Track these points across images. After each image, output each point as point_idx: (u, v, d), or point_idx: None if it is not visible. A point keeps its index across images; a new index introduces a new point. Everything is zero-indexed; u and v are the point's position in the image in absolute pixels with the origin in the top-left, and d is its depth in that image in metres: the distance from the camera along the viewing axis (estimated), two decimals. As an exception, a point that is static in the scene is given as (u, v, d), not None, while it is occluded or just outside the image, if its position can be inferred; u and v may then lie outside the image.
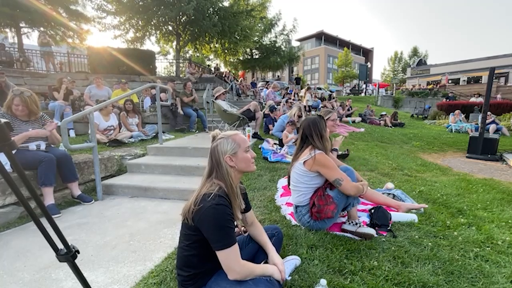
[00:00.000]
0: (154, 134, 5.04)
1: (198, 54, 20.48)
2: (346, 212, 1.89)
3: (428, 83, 26.23)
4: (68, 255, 0.85)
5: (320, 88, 25.85)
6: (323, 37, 51.29)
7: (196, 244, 1.20)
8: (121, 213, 2.57)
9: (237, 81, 15.19)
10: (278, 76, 31.60)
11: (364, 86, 28.31)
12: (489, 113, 8.08)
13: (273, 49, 20.70)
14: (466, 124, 9.83)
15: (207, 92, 7.22)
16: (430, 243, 1.79)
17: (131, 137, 4.64)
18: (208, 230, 1.13)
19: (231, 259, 1.12)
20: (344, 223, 1.89)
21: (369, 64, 29.88)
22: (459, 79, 27.81)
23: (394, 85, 29.52)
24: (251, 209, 1.49)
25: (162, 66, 22.98)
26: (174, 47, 14.67)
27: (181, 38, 13.35)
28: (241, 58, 20.64)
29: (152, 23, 12.09)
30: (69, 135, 4.69)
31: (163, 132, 4.97)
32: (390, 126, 9.96)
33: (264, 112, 6.40)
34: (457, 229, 2.02)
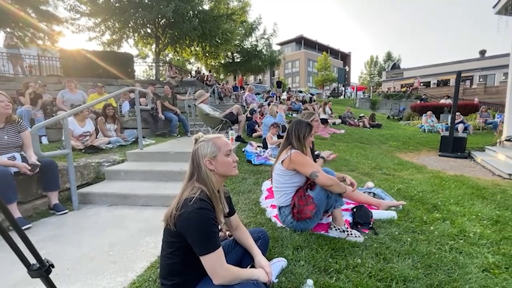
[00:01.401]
0: (134, 139, 4.88)
1: (178, 58, 20.16)
2: (330, 213, 1.92)
3: (402, 86, 27.54)
4: (42, 270, 0.79)
5: (301, 91, 26.34)
6: (302, 42, 52.45)
7: (179, 251, 1.17)
8: (99, 222, 2.45)
9: (219, 84, 15.13)
10: (260, 79, 31.86)
11: (343, 89, 29.23)
12: (457, 113, 8.61)
13: (254, 52, 20.86)
14: (437, 124, 10.42)
15: (188, 96, 7.11)
16: (409, 239, 1.86)
17: (109, 143, 4.45)
18: (191, 236, 1.11)
19: (215, 264, 1.10)
20: (330, 227, 1.92)
21: (347, 68, 30.94)
22: (430, 82, 29.47)
23: (371, 88, 30.75)
24: (235, 213, 1.48)
25: (141, 69, 22.39)
26: (153, 50, 14.36)
27: (160, 41, 13.10)
28: (222, 61, 20.59)
29: (130, 25, 11.78)
30: (41, 142, 4.42)
31: (143, 137, 4.82)
32: (368, 127, 10.33)
33: (247, 115, 6.41)
34: (433, 224, 2.12)
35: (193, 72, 17.72)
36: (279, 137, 4.91)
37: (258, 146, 4.78)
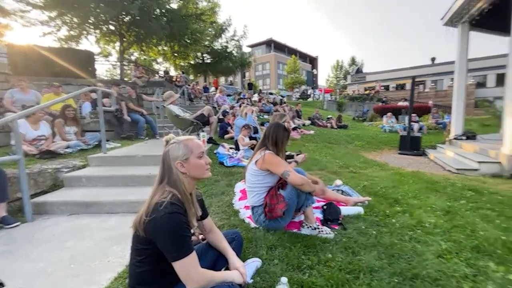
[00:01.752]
0: (97, 143, 4.55)
1: (145, 57, 19.30)
2: (302, 211, 1.98)
3: (365, 89, 29.37)
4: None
5: (271, 93, 26.75)
6: (272, 44, 53.36)
7: (149, 259, 1.12)
8: (58, 234, 2.25)
9: (189, 85, 14.80)
10: (231, 81, 31.78)
11: (311, 91, 30.29)
12: (413, 114, 9.40)
13: (225, 54, 20.76)
14: (397, 124, 11.27)
15: (156, 97, 6.85)
16: (374, 232, 1.99)
17: (68, 147, 4.11)
18: (162, 241, 1.07)
19: (189, 269, 1.08)
20: (302, 225, 1.98)
21: (315, 71, 32.15)
22: (389, 85, 31.81)
23: (338, 90, 32.30)
24: (208, 216, 1.46)
25: (104, 68, 21.09)
26: (117, 48, 13.58)
27: (125, 39, 12.43)
28: (192, 62, 20.18)
29: (90, 21, 10.99)
30: (-16, 148, 3.94)
31: (107, 140, 4.53)
32: (336, 128, 10.83)
33: (218, 117, 6.34)
34: (395, 217, 2.29)
35: (161, 72, 17.10)
36: (251, 138, 4.94)
37: (231, 148, 4.75)
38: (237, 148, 4.72)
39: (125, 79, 12.14)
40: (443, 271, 1.54)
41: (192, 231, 1.26)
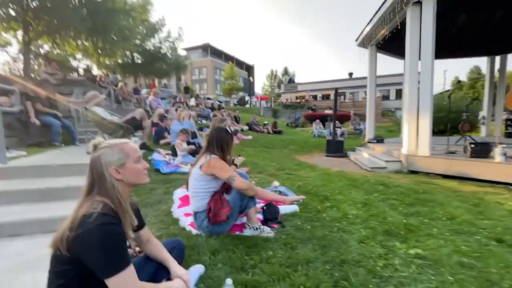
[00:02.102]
0: (-9, 151, 3.67)
1: (58, 51, 16.58)
2: (245, 213, 2.02)
3: (296, 98, 31.96)
4: None
5: (209, 98, 26.48)
6: (209, 49, 53.06)
7: (73, 281, 0.98)
8: None
9: (116, 86, 13.37)
10: (165, 83, 30.12)
11: (248, 98, 31.23)
12: (337, 121, 10.70)
13: (158, 55, 19.61)
14: (324, 130, 12.61)
15: (76, 97, 5.97)
16: (309, 226, 2.18)
17: None
18: (93, 257, 0.95)
19: (127, 284, 0.98)
20: (245, 227, 2.02)
21: (251, 79, 33.31)
22: (317, 95, 35.40)
23: (273, 98, 34.20)
24: (145, 226, 1.36)
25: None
26: (19, 38, 11.30)
27: (31, 28, 10.46)
28: (119, 61, 18.35)
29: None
30: None
31: (7, 148, 3.70)
32: (272, 134, 11.43)
33: (152, 121, 5.93)
34: (325, 212, 2.56)
35: (81, 70, 15.00)
36: (189, 143, 4.79)
37: (167, 154, 4.50)
38: (174, 154, 4.50)
39: (32, 75, 10.16)
40: (364, 254, 1.79)
41: (127, 243, 1.15)
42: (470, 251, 1.84)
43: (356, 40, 8.15)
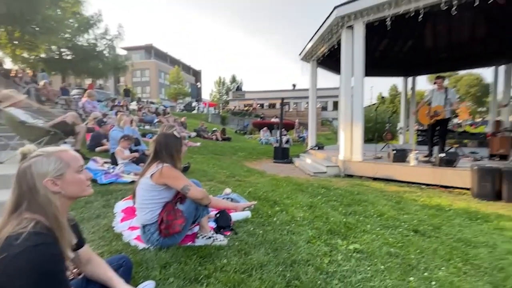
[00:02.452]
0: None
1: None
2: (197, 222, 1.97)
3: (244, 106, 32.58)
4: None
5: (153, 103, 24.96)
6: (153, 51, 50.30)
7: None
8: None
9: (37, 84, 11.53)
10: (101, 84, 27.22)
11: (196, 104, 30.52)
12: (283, 129, 11.28)
13: (93, 53, 17.72)
14: (271, 137, 13.13)
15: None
16: (261, 231, 2.24)
17: None
18: (24, 285, 0.81)
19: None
20: (197, 236, 1.96)
21: (199, 84, 32.69)
22: (263, 104, 36.71)
23: (221, 105, 34.11)
24: (85, 244, 1.22)
25: None
26: None
27: None
28: (43, 55, 15.92)
29: None
30: None
31: None
32: (221, 140, 11.37)
33: (87, 126, 5.29)
34: (275, 216, 2.67)
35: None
36: (132, 151, 4.43)
37: (105, 163, 4.07)
38: (114, 162, 4.10)
39: None
40: (311, 253, 1.93)
41: (65, 265, 1.01)
42: (395, 242, 2.16)
43: (299, 55, 8.81)
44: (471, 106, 36.69)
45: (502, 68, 8.91)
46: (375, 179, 5.20)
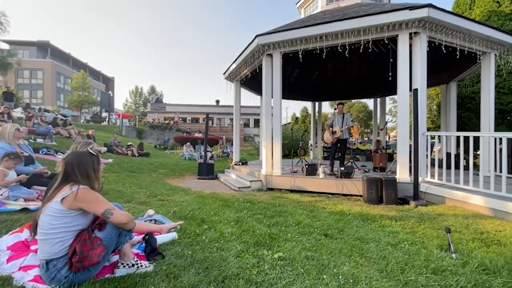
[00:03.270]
0: None
1: None
2: (118, 250, 1.77)
3: (165, 119, 30.82)
4: None
5: (47, 110, 20.87)
6: (49, 50, 42.41)
7: None
8: None
9: None
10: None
11: (106, 114, 27.00)
12: (208, 145, 11.24)
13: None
14: (195, 153, 12.82)
15: None
16: (190, 252, 2.19)
17: None
18: None
19: None
20: (117, 266, 1.76)
21: (111, 93, 29.21)
22: (186, 118, 35.68)
23: (137, 117, 31.22)
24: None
25: None
26: None
27: None
28: None
29: None
30: None
31: None
32: (138, 156, 10.38)
33: None
34: (204, 234, 2.65)
35: None
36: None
37: (-22, 187, 3.15)
38: (-7, 186, 3.21)
39: None
40: (241, 266, 2.01)
41: None
42: (311, 246, 2.48)
43: (224, 74, 9.15)
44: (360, 128, 45.62)
45: (379, 100, 11.58)
46: (292, 191, 5.78)
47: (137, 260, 1.85)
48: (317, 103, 12.74)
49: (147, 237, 2.15)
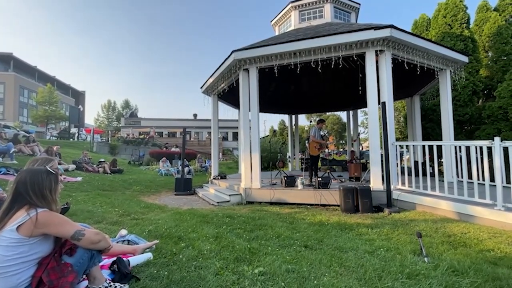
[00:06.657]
0: None
1: None
2: (86, 275, 1.63)
3: (140, 133, 29.80)
4: None
5: (8, 127, 19.38)
6: (12, 62, 39.95)
7: None
8: None
9: None
10: None
11: (75, 130, 25.58)
12: (185, 160, 10.98)
13: None
14: (171, 168, 12.44)
15: None
16: (166, 272, 2.08)
17: None
18: None
19: None
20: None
21: (81, 108, 27.87)
22: (162, 132, 34.80)
23: (110, 132, 29.90)
24: None
25: None
26: None
27: None
28: None
29: None
30: None
31: None
32: (110, 173, 9.86)
33: None
34: (181, 253, 2.53)
35: None
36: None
37: None
38: None
39: None
40: (220, 284, 1.95)
41: None
42: (291, 259, 2.47)
43: (201, 88, 9.14)
44: (335, 139, 47.34)
45: (351, 112, 12.16)
46: (272, 203, 5.77)
47: (109, 283, 1.72)
48: (293, 116, 13.08)
49: (114, 265, 1.96)
